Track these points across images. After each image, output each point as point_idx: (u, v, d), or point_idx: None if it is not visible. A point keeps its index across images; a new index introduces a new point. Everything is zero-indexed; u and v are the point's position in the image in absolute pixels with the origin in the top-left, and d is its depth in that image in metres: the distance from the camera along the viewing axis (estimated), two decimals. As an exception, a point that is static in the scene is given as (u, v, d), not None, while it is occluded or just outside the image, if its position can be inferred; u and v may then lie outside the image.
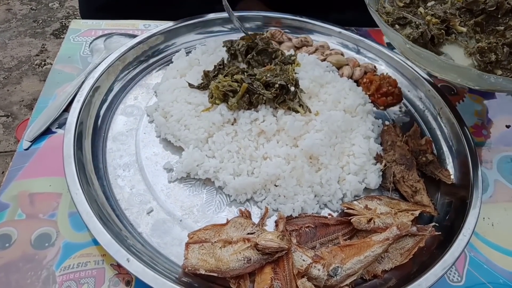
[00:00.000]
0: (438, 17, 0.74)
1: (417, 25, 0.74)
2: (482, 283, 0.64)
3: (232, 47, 0.85)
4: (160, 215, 0.66)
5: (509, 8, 0.72)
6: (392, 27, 0.75)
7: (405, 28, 0.75)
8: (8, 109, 2.11)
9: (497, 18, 0.73)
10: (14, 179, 0.68)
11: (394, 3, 0.81)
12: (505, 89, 0.69)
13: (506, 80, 0.64)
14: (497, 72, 0.68)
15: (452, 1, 0.76)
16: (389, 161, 0.74)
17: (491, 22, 0.73)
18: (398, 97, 0.88)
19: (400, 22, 0.76)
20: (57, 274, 0.58)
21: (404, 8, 0.79)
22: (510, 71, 0.68)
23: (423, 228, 0.64)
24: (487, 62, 0.68)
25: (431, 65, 0.70)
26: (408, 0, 0.80)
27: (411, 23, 0.75)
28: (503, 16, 0.73)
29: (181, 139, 0.75)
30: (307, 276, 0.57)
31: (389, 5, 0.80)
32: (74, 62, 0.89)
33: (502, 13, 0.72)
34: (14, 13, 2.70)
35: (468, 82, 0.69)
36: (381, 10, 0.79)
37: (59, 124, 0.77)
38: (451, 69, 0.67)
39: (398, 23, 0.76)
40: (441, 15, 0.74)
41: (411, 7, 0.80)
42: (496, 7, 0.72)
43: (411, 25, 0.75)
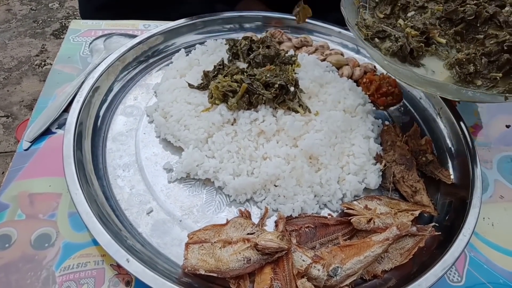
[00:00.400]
0: (417, 29, 0.73)
1: (396, 38, 0.74)
2: (482, 283, 0.64)
3: (234, 46, 0.85)
4: (160, 215, 0.66)
5: (488, 17, 0.72)
6: (372, 41, 0.75)
7: (385, 42, 0.75)
8: (8, 109, 2.11)
9: (476, 27, 0.73)
10: (14, 180, 0.68)
11: (374, 14, 0.81)
12: (484, 101, 0.69)
13: (483, 94, 0.65)
14: (476, 83, 0.68)
15: (432, 11, 0.76)
16: (389, 161, 0.74)
17: (471, 30, 0.73)
18: (398, 97, 0.88)
19: (379, 35, 0.76)
20: (57, 275, 0.58)
21: (385, 19, 0.79)
22: (490, 80, 0.68)
23: (423, 228, 0.64)
24: (466, 73, 0.68)
25: (410, 80, 0.70)
26: (388, 11, 0.80)
27: (390, 36, 0.75)
28: (482, 25, 0.73)
29: (181, 139, 0.75)
30: (307, 276, 0.57)
31: (369, 16, 0.80)
32: (74, 62, 0.89)
33: (481, 21, 0.72)
34: (14, 14, 2.70)
35: (447, 95, 0.70)
36: (361, 23, 0.79)
37: (59, 124, 0.77)
38: (429, 84, 0.67)
39: (377, 36, 0.76)
40: (420, 27, 0.73)
41: (391, 18, 0.79)
42: (475, 16, 0.72)
43: (391, 38, 0.75)
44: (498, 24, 0.72)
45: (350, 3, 0.80)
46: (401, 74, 0.71)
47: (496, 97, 0.66)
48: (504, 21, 0.71)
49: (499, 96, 0.65)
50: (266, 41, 0.86)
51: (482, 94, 0.65)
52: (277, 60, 0.82)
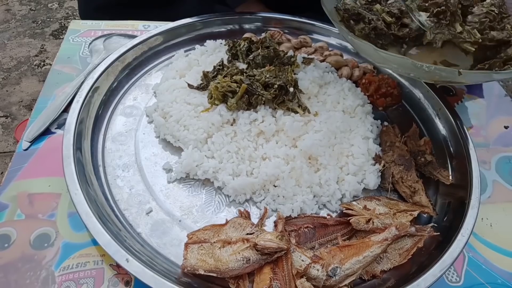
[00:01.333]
0: (392, 14, 0.77)
1: (369, 20, 0.77)
2: (481, 284, 0.64)
3: (234, 46, 0.85)
4: (159, 216, 0.66)
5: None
6: (347, 22, 0.80)
7: (359, 24, 0.79)
8: (7, 109, 2.11)
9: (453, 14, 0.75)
10: (13, 180, 0.68)
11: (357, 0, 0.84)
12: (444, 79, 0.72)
13: (440, 69, 0.68)
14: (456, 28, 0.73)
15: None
16: (388, 162, 0.74)
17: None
18: (397, 98, 0.89)
19: (354, 18, 0.80)
20: (56, 274, 0.58)
21: (367, 5, 0.83)
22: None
23: (421, 228, 0.64)
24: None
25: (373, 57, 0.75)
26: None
27: (364, 18, 0.79)
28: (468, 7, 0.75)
29: (180, 139, 0.75)
30: (306, 276, 0.57)
31: (352, 1, 0.83)
32: (73, 63, 0.89)
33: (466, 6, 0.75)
34: (13, 14, 2.70)
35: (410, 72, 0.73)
36: (341, 6, 0.83)
37: (58, 124, 0.77)
38: (390, 59, 0.71)
39: (353, 18, 0.80)
40: (395, 12, 0.77)
41: (373, 3, 0.82)
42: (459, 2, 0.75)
43: (364, 20, 0.78)
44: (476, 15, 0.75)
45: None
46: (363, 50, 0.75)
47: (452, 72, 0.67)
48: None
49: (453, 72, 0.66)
50: (265, 42, 0.86)
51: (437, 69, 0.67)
52: (276, 60, 0.82)
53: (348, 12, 0.81)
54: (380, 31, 0.77)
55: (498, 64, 0.71)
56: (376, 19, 0.78)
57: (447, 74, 0.68)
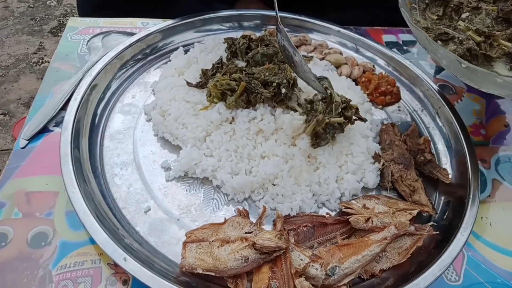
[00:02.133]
0: (481, 32, 0.71)
1: (461, 41, 0.72)
2: (480, 283, 0.64)
3: (233, 44, 0.85)
4: (158, 214, 0.66)
5: None
6: (435, 43, 0.72)
7: (448, 44, 0.73)
8: (5, 107, 2.10)
9: None
10: (10, 178, 0.68)
11: (425, 16, 0.79)
12: None
13: None
14: None
15: (487, 11, 0.75)
16: (387, 160, 0.74)
17: None
18: (396, 96, 0.88)
19: (442, 37, 0.74)
20: (54, 273, 0.58)
21: (438, 20, 0.78)
22: None
23: (421, 227, 0.64)
24: None
25: (488, 84, 0.67)
26: (440, 12, 0.78)
27: (453, 38, 0.73)
28: None
29: (179, 137, 0.74)
30: (305, 275, 0.57)
31: (421, 18, 0.79)
32: (71, 60, 0.89)
33: None
34: (11, 11, 2.68)
35: None
36: (417, 25, 0.77)
37: (56, 122, 0.77)
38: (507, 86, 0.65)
39: (440, 38, 0.74)
40: (485, 31, 0.71)
41: (443, 19, 0.78)
42: None
43: (454, 40, 0.73)
44: None
45: (405, 4, 0.78)
46: (481, 78, 0.67)
47: None
48: None
49: None
50: (264, 40, 0.86)
51: None
52: (275, 58, 0.81)
53: (431, 31, 0.75)
54: (474, 52, 0.70)
55: None
56: (466, 38, 0.72)
57: None
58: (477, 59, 0.71)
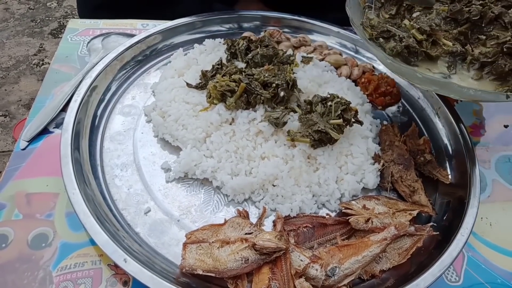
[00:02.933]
0: (423, 31, 0.74)
1: (401, 38, 0.74)
2: (480, 283, 0.64)
3: (233, 45, 0.85)
4: (158, 215, 0.66)
5: (493, 17, 0.72)
6: (377, 41, 0.76)
7: (389, 42, 0.75)
8: (6, 108, 2.10)
9: (481, 27, 0.74)
10: (11, 179, 0.68)
11: (380, 14, 0.81)
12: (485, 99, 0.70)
13: (484, 93, 0.65)
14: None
15: (437, 11, 0.76)
16: (387, 161, 0.74)
17: (476, 31, 0.74)
18: (396, 96, 0.88)
19: (384, 35, 0.76)
20: (54, 275, 0.58)
21: (390, 19, 0.79)
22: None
23: (421, 228, 0.64)
24: None
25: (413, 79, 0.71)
26: (394, 11, 0.80)
27: (394, 36, 0.75)
28: (487, 25, 0.73)
29: (178, 139, 0.75)
30: (305, 276, 0.57)
31: (375, 16, 0.80)
32: (71, 62, 0.89)
33: (486, 22, 0.73)
34: (12, 13, 2.69)
35: (449, 93, 0.70)
36: (365, 23, 0.79)
37: (56, 123, 0.77)
38: (432, 82, 0.68)
39: (382, 36, 0.76)
40: (426, 29, 0.74)
41: (396, 18, 0.80)
42: (480, 16, 0.73)
43: (395, 38, 0.75)
44: (503, 24, 0.72)
45: (355, 3, 0.80)
46: (404, 73, 0.71)
47: (498, 96, 0.66)
48: (509, 22, 0.71)
49: (501, 95, 0.65)
50: (264, 41, 0.86)
51: (484, 93, 0.65)
52: (275, 59, 0.82)
53: (375, 29, 0.77)
54: (413, 49, 0.73)
55: None
56: (407, 36, 0.73)
57: (493, 97, 0.68)
58: (417, 56, 0.73)
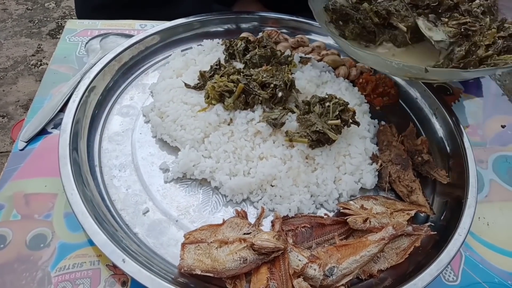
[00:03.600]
0: (379, 15, 0.78)
1: (357, 20, 0.78)
2: (478, 283, 0.64)
3: (231, 46, 0.85)
4: (156, 216, 0.66)
5: (452, 5, 0.77)
6: (336, 23, 0.82)
7: (348, 25, 0.81)
8: (4, 109, 2.10)
9: (439, 14, 0.78)
10: (9, 180, 0.68)
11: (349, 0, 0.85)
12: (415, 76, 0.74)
13: (408, 66, 0.69)
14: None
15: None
16: (385, 161, 0.74)
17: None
18: (394, 97, 0.89)
19: (343, 18, 0.81)
20: (53, 275, 0.58)
21: (357, 3, 0.83)
22: None
23: (418, 227, 0.64)
24: None
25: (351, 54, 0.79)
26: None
27: (352, 18, 0.80)
28: (445, 12, 0.78)
29: (177, 139, 0.75)
30: (303, 276, 0.57)
31: (344, 2, 0.84)
32: (70, 62, 0.89)
33: (444, 8, 0.78)
34: (9, 13, 2.68)
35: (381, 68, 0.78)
36: (329, 6, 0.83)
37: (54, 124, 0.77)
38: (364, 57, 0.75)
39: (341, 19, 0.81)
40: (382, 13, 0.78)
41: (363, 2, 0.83)
42: (438, 3, 0.78)
43: (352, 20, 0.80)
44: (460, 13, 0.77)
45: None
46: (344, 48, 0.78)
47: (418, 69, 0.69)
48: (466, 10, 0.77)
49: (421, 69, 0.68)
50: (262, 41, 0.86)
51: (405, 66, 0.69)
52: (273, 60, 0.82)
53: (336, 12, 0.81)
54: (370, 29, 0.78)
55: (473, 63, 0.72)
56: (364, 18, 0.78)
57: (416, 71, 0.70)
58: (375, 35, 0.80)
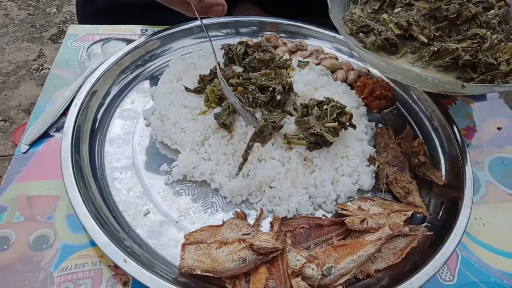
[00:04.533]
0: (400, 26, 0.77)
1: (379, 32, 0.76)
2: (474, 282, 0.65)
3: (230, 51, 0.86)
4: (157, 217, 0.67)
5: (470, 16, 0.75)
6: (357, 35, 0.80)
7: (369, 36, 0.78)
8: (6, 113, 2.11)
9: (458, 26, 0.76)
10: (12, 182, 0.69)
11: (364, 9, 0.84)
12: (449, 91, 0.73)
13: (444, 82, 0.68)
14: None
15: (418, 8, 0.79)
16: (382, 163, 0.75)
17: (453, 29, 0.77)
18: (391, 100, 0.90)
19: (363, 30, 0.79)
20: (55, 276, 0.59)
21: (373, 14, 0.83)
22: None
23: (415, 228, 0.65)
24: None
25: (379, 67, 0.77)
26: (377, 6, 0.83)
27: (373, 30, 0.78)
28: (463, 24, 0.76)
29: (177, 142, 0.76)
30: (301, 275, 0.58)
31: (359, 11, 0.83)
32: (71, 67, 0.90)
33: (463, 20, 0.76)
34: (11, 18, 2.71)
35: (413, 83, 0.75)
36: (346, 17, 0.83)
37: (57, 127, 0.78)
38: (396, 71, 0.73)
39: (362, 31, 0.79)
40: (403, 24, 0.76)
41: (380, 12, 0.82)
42: (457, 15, 0.76)
43: (374, 32, 0.78)
44: (479, 24, 0.75)
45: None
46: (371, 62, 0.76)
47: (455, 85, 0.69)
48: (485, 21, 0.75)
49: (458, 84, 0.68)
50: (261, 46, 0.88)
51: (443, 81, 0.69)
52: (272, 64, 0.83)
53: (356, 24, 0.80)
54: (393, 41, 0.76)
55: (500, 75, 0.71)
56: (386, 29, 0.77)
57: (451, 87, 0.70)
58: (397, 47, 0.77)
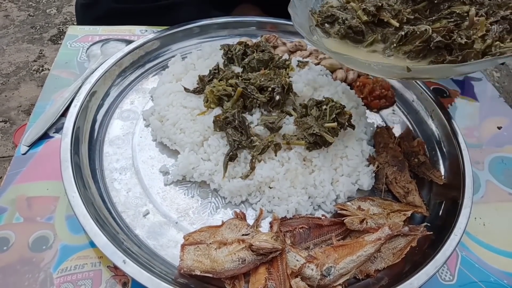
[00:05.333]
0: (367, 12, 0.74)
1: (343, 20, 0.74)
2: (474, 282, 0.65)
3: (229, 51, 0.86)
4: (156, 218, 0.67)
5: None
6: (322, 27, 0.77)
7: (334, 26, 0.76)
8: (6, 114, 2.11)
9: (437, 5, 0.73)
10: (12, 183, 0.69)
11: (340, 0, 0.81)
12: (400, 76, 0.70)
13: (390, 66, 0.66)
14: None
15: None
16: (382, 163, 0.75)
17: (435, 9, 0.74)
18: (390, 99, 0.90)
19: (328, 20, 0.77)
20: (55, 276, 0.59)
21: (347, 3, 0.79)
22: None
23: (415, 228, 0.65)
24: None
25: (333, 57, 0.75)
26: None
27: (338, 19, 0.75)
28: (443, 2, 0.73)
29: (176, 142, 0.76)
30: (300, 276, 0.58)
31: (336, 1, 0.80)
32: (71, 68, 0.90)
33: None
34: (12, 19, 2.71)
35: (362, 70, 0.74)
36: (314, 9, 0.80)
37: (56, 128, 0.78)
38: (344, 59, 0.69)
39: (327, 21, 0.77)
40: (370, 10, 0.74)
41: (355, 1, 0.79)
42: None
43: (338, 21, 0.75)
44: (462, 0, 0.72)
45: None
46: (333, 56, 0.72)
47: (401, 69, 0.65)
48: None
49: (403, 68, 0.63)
50: (260, 46, 0.88)
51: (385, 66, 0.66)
52: (271, 64, 0.83)
53: (322, 15, 0.78)
54: (357, 29, 0.73)
55: (474, 54, 0.65)
56: (351, 17, 0.74)
57: (399, 72, 0.67)
58: (363, 35, 0.74)
